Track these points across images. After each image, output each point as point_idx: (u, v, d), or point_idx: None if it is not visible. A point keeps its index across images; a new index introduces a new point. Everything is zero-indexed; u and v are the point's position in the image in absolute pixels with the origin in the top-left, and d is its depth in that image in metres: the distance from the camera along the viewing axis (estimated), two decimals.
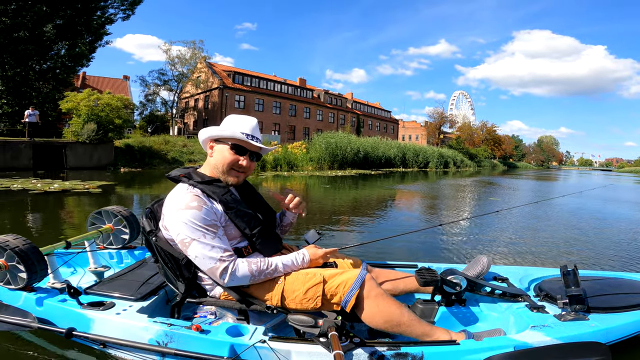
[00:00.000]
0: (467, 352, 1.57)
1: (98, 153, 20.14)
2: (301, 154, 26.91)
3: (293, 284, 1.75)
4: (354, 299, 1.68)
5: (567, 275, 1.80)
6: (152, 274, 2.22)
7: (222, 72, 38.20)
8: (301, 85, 45.18)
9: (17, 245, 1.96)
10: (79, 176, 14.53)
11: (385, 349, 1.58)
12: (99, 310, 1.84)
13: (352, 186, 15.25)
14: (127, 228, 2.75)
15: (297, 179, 18.38)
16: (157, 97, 36.18)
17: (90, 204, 7.90)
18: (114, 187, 11.34)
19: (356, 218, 7.03)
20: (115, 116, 20.44)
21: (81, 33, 24.81)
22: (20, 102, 22.37)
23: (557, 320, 1.75)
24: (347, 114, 49.20)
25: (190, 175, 1.84)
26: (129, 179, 15.47)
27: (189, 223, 1.68)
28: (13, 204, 7.71)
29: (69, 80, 26.18)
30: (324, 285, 1.72)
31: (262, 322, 1.82)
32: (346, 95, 52.73)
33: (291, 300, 1.73)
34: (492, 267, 2.30)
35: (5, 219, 5.77)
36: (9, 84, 22.87)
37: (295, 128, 41.96)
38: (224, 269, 1.68)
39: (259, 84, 39.34)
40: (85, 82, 35.85)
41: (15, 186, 10.05)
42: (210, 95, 37.03)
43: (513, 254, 4.21)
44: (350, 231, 5.82)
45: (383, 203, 10.07)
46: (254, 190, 2.08)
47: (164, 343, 1.68)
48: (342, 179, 18.52)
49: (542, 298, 1.98)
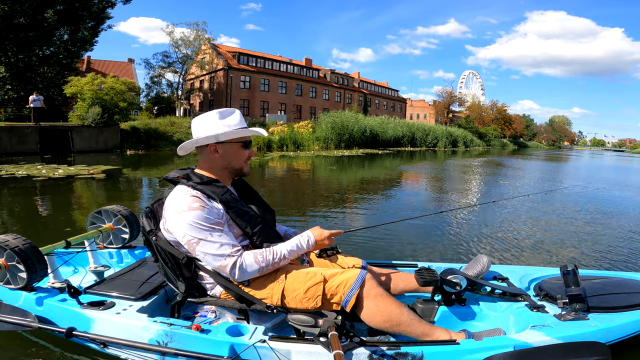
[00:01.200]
0: (467, 351, 1.57)
1: (104, 136, 20.23)
2: (307, 134, 26.69)
3: (293, 283, 1.74)
4: (354, 299, 1.68)
5: (567, 274, 1.79)
6: (152, 273, 2.22)
7: (227, 53, 37.95)
8: (307, 65, 44.79)
9: (17, 244, 1.96)
10: (85, 160, 14.64)
11: (385, 349, 1.58)
12: (99, 310, 1.85)
13: (358, 167, 15.18)
14: (127, 227, 2.74)
15: (303, 159, 18.34)
16: (162, 80, 36.10)
17: (93, 192, 7.95)
18: (119, 171, 11.42)
19: (361, 202, 7.04)
20: (119, 99, 20.48)
21: (82, 18, 24.62)
22: (25, 87, 22.47)
23: (557, 320, 1.75)
24: (354, 93, 48.76)
25: (189, 177, 1.83)
26: (135, 161, 15.59)
27: (194, 224, 1.68)
28: (15, 193, 7.72)
29: (73, 65, 26.18)
30: (324, 284, 1.71)
31: (262, 322, 1.82)
32: (353, 74, 52.05)
33: (291, 300, 1.73)
34: (492, 267, 2.29)
35: (6, 211, 5.78)
36: (13, 70, 22.96)
37: (301, 108, 41.78)
38: (233, 264, 1.69)
39: (264, 64, 39.09)
40: (90, 66, 35.82)
41: (20, 172, 10.08)
42: (216, 76, 36.91)
43: (508, 248, 4.17)
44: (354, 214, 5.83)
45: (388, 186, 10.06)
46: (251, 189, 2.06)
47: (164, 343, 1.69)
48: (348, 159, 18.38)
49: (542, 298, 1.97)
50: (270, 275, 1.78)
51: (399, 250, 4.00)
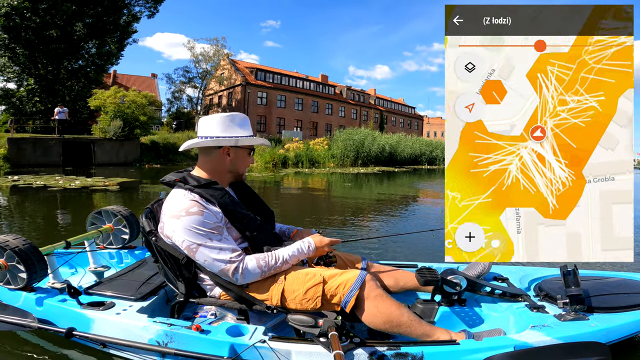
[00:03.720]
0: (467, 352, 1.57)
1: (125, 149, 20.51)
2: (323, 151, 26.60)
3: (293, 284, 1.74)
4: (353, 300, 1.68)
5: (567, 275, 1.79)
6: (152, 273, 2.21)
7: (245, 68, 38.24)
8: (323, 81, 44.86)
9: (17, 245, 1.96)
10: (105, 172, 14.82)
11: (385, 349, 1.58)
12: (99, 310, 1.85)
13: (376, 183, 15.04)
14: (127, 228, 2.74)
15: (319, 176, 18.26)
16: (183, 95, 36.96)
17: (103, 201, 8.00)
18: (133, 184, 11.49)
19: (375, 216, 7.02)
20: (140, 113, 20.77)
21: (109, 31, 25.53)
22: (54, 100, 23.10)
23: (557, 320, 1.75)
24: (370, 110, 48.63)
25: (186, 180, 1.82)
26: (152, 175, 15.66)
27: (192, 229, 1.68)
28: (24, 201, 7.81)
29: (100, 79, 26.95)
30: (324, 285, 1.71)
31: (262, 322, 1.82)
32: (369, 91, 52.01)
33: (291, 301, 1.73)
34: (492, 267, 2.30)
35: (16, 216, 5.83)
36: (42, 82, 23.76)
37: (317, 124, 41.71)
38: (234, 269, 1.69)
39: (281, 81, 39.22)
40: (116, 80, 36.56)
41: (37, 183, 10.22)
42: (234, 92, 37.18)
43: None
44: (367, 227, 5.81)
45: (404, 202, 9.95)
46: (250, 191, 2.07)
47: (164, 343, 1.68)
48: (365, 177, 18.19)
49: (542, 298, 1.97)
50: (270, 277, 1.78)
51: (399, 252, 4.00)
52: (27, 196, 8.40)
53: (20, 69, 24.10)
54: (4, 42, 22.33)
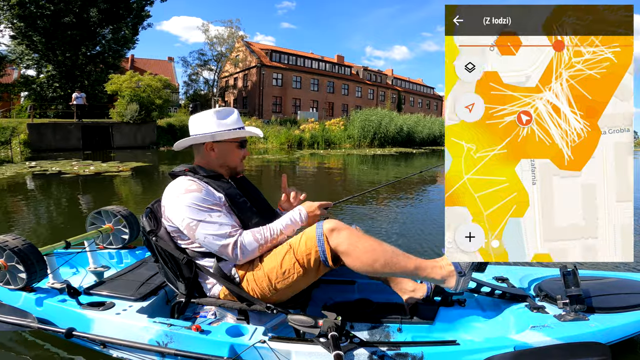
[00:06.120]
0: (467, 352, 1.57)
1: (142, 132, 20.83)
2: (339, 131, 26.37)
3: (270, 263, 1.74)
4: (328, 249, 1.67)
5: (567, 275, 1.79)
6: (152, 274, 2.21)
7: (260, 50, 38.38)
8: (339, 62, 44.70)
9: (16, 245, 1.96)
10: (122, 156, 15.03)
11: (385, 349, 1.58)
12: (98, 311, 1.84)
13: (393, 165, 14.81)
14: (126, 228, 2.74)
15: (334, 157, 18.12)
16: (200, 77, 37.13)
17: (112, 189, 8.09)
18: (147, 169, 11.59)
19: (390, 199, 6.89)
20: (156, 97, 21.01)
21: (123, 16, 25.81)
22: (73, 85, 23.48)
23: (557, 320, 1.75)
24: (387, 90, 48.28)
25: (196, 170, 1.87)
26: (170, 156, 15.87)
27: (192, 206, 1.70)
28: (37, 189, 7.91)
29: (118, 64, 27.44)
30: (293, 250, 1.71)
31: (262, 322, 1.82)
32: (386, 71, 51.54)
33: (278, 282, 1.73)
34: (492, 267, 2.29)
35: (21, 210, 5.85)
36: (61, 68, 24.33)
37: (333, 105, 41.72)
38: (234, 244, 1.70)
39: (297, 62, 39.29)
40: (134, 64, 36.99)
41: (53, 169, 10.33)
42: (249, 73, 37.42)
43: None
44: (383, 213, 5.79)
45: (423, 183, 9.59)
46: (252, 187, 2.08)
47: (164, 343, 1.68)
48: (382, 159, 17.93)
49: (542, 298, 1.97)
50: (249, 267, 1.78)
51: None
52: (40, 185, 8.43)
53: (39, 56, 24.48)
54: (20, 30, 22.68)
